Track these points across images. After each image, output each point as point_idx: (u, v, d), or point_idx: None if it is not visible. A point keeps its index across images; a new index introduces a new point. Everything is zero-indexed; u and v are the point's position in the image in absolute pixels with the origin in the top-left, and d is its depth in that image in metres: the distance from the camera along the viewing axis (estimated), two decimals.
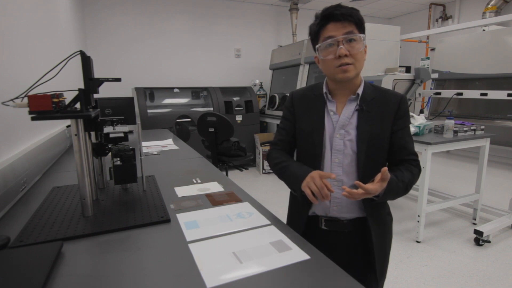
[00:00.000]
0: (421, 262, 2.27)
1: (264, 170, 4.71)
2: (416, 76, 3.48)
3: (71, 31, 3.03)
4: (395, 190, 0.95)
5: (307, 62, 4.37)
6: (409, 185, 0.99)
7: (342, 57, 0.95)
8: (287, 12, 5.53)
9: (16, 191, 1.14)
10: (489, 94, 3.53)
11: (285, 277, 0.67)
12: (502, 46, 3.94)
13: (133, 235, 0.84)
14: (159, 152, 1.96)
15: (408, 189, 1.00)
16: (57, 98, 0.84)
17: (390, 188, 0.92)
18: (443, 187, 3.63)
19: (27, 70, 1.46)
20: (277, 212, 1.03)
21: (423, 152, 2.44)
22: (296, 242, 0.79)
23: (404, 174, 0.99)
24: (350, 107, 1.03)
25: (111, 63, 4.54)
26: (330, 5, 0.97)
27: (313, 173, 0.94)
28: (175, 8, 4.89)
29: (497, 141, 4.29)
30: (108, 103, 1.98)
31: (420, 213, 2.51)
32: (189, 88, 4.86)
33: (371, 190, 0.87)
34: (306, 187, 0.93)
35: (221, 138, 3.03)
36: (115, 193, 1.15)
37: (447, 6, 5.89)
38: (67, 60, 0.91)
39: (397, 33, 4.12)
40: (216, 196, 1.15)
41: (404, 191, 0.99)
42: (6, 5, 1.30)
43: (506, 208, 2.81)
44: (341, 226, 1.06)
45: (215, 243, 0.80)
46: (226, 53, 5.33)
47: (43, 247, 0.76)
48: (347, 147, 1.01)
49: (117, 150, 1.05)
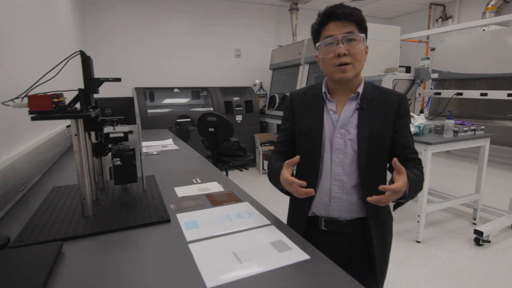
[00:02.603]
0: (421, 262, 2.26)
1: (264, 170, 4.71)
2: (416, 76, 3.48)
3: (71, 31, 3.03)
4: (416, 185, 0.93)
5: (307, 62, 4.37)
6: (421, 182, 0.98)
7: (341, 56, 0.95)
8: (287, 12, 5.53)
9: (16, 191, 1.14)
10: (489, 94, 3.53)
11: (285, 277, 0.67)
12: (502, 46, 3.94)
13: (133, 235, 0.84)
14: (159, 152, 1.96)
15: (421, 186, 0.99)
16: (57, 98, 0.84)
17: (411, 183, 0.90)
18: (443, 187, 3.63)
19: (27, 70, 1.46)
20: (277, 212, 1.03)
21: (423, 152, 2.44)
22: (296, 242, 0.79)
23: (414, 171, 0.98)
24: (350, 106, 1.03)
25: (111, 63, 4.54)
26: (332, 4, 0.97)
27: (281, 179, 0.94)
28: (175, 8, 4.89)
29: (497, 141, 4.29)
30: (108, 103, 1.98)
31: (420, 213, 2.51)
32: (189, 88, 4.86)
33: (396, 188, 0.82)
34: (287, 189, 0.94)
35: (221, 138, 3.03)
36: (115, 193, 1.15)
37: (447, 6, 5.89)
38: (67, 60, 0.91)
39: (397, 33, 4.12)
40: (216, 196, 1.15)
41: (420, 188, 0.98)
42: (6, 5, 1.30)
43: (506, 208, 2.81)
44: (341, 226, 1.06)
45: (215, 243, 0.80)
46: (226, 53, 5.33)
47: (43, 247, 0.76)
48: (347, 147, 1.01)
49: (117, 150, 1.05)
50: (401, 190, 0.84)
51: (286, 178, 0.92)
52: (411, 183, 0.89)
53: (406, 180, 0.85)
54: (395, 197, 0.85)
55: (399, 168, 0.85)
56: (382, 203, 0.85)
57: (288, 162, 0.94)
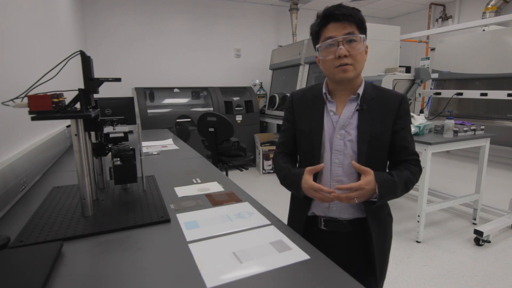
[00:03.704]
0: (421, 262, 2.26)
1: (264, 170, 4.71)
2: (416, 76, 3.48)
3: (71, 31, 3.03)
4: (392, 186, 0.95)
5: (307, 62, 4.37)
6: (409, 183, 0.99)
7: (341, 58, 0.95)
8: (287, 12, 5.53)
9: (16, 191, 1.14)
10: (489, 94, 3.53)
11: (285, 277, 0.67)
12: (502, 46, 3.94)
13: (133, 235, 0.84)
14: (159, 152, 1.96)
15: (409, 187, 1.00)
16: (57, 98, 0.84)
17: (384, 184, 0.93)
18: (443, 187, 3.63)
19: (27, 70, 1.46)
20: (277, 212, 1.03)
21: (423, 152, 2.44)
22: (296, 242, 0.80)
23: (403, 172, 0.99)
24: (350, 107, 1.03)
25: (111, 63, 4.54)
26: (331, 5, 0.97)
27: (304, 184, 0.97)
28: (175, 8, 4.88)
29: (497, 141, 4.29)
30: (108, 103, 1.98)
31: (420, 213, 2.51)
32: (189, 88, 4.86)
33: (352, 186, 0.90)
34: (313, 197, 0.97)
35: (221, 138, 3.03)
36: (115, 193, 1.15)
37: (447, 6, 5.88)
38: (67, 60, 0.91)
39: (397, 33, 4.12)
40: (216, 196, 1.15)
41: (404, 189, 0.99)
42: (6, 5, 1.30)
43: (506, 208, 2.81)
44: (340, 226, 1.06)
45: (215, 243, 0.80)
46: (226, 53, 5.33)
47: (43, 247, 0.76)
48: (347, 148, 1.01)
49: (117, 150, 1.05)
50: (357, 187, 0.90)
51: (312, 185, 0.95)
52: (384, 184, 0.93)
53: (371, 179, 0.91)
54: (356, 194, 0.91)
55: (360, 169, 0.93)
56: (350, 198, 0.91)
57: (310, 169, 0.98)
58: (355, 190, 0.90)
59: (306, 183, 0.96)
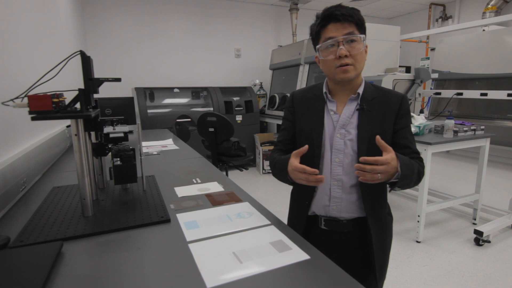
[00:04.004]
0: (421, 262, 2.26)
1: (264, 170, 4.71)
2: (416, 76, 3.48)
3: (71, 31, 3.03)
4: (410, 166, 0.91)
5: (307, 62, 4.37)
6: (420, 173, 0.98)
7: (342, 58, 0.95)
8: (287, 12, 5.53)
9: (16, 191, 1.14)
10: (489, 94, 3.53)
11: (285, 277, 0.67)
12: (502, 46, 3.94)
13: (133, 235, 0.84)
14: (159, 152, 1.96)
15: (420, 177, 0.99)
16: (57, 98, 0.84)
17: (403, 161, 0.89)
18: (443, 187, 3.64)
19: (27, 70, 1.46)
20: (277, 212, 1.03)
21: (423, 152, 2.44)
22: (296, 242, 0.79)
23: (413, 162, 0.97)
24: (350, 107, 1.03)
25: (111, 63, 4.54)
26: (331, 5, 0.97)
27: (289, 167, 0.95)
28: (175, 8, 4.89)
29: (497, 141, 4.29)
30: (108, 103, 1.97)
31: (420, 213, 2.51)
32: (189, 88, 4.86)
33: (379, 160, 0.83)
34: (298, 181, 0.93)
35: (221, 138, 3.03)
36: (115, 193, 1.15)
37: (447, 6, 5.89)
38: (67, 60, 0.91)
39: (397, 33, 4.12)
40: (216, 196, 1.15)
41: (417, 177, 0.97)
42: (6, 5, 1.30)
43: (506, 208, 2.81)
44: (340, 226, 1.06)
45: (215, 243, 0.80)
46: (226, 53, 5.33)
47: (43, 247, 0.76)
48: (347, 147, 1.01)
49: (117, 150, 1.05)
50: (386, 162, 0.84)
51: (296, 166, 0.91)
52: (403, 162, 0.88)
53: (394, 156, 0.86)
54: (382, 168, 0.84)
55: (383, 146, 0.86)
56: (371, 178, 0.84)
57: (296, 152, 0.95)
58: (381, 164, 0.84)
59: (291, 165, 0.94)
